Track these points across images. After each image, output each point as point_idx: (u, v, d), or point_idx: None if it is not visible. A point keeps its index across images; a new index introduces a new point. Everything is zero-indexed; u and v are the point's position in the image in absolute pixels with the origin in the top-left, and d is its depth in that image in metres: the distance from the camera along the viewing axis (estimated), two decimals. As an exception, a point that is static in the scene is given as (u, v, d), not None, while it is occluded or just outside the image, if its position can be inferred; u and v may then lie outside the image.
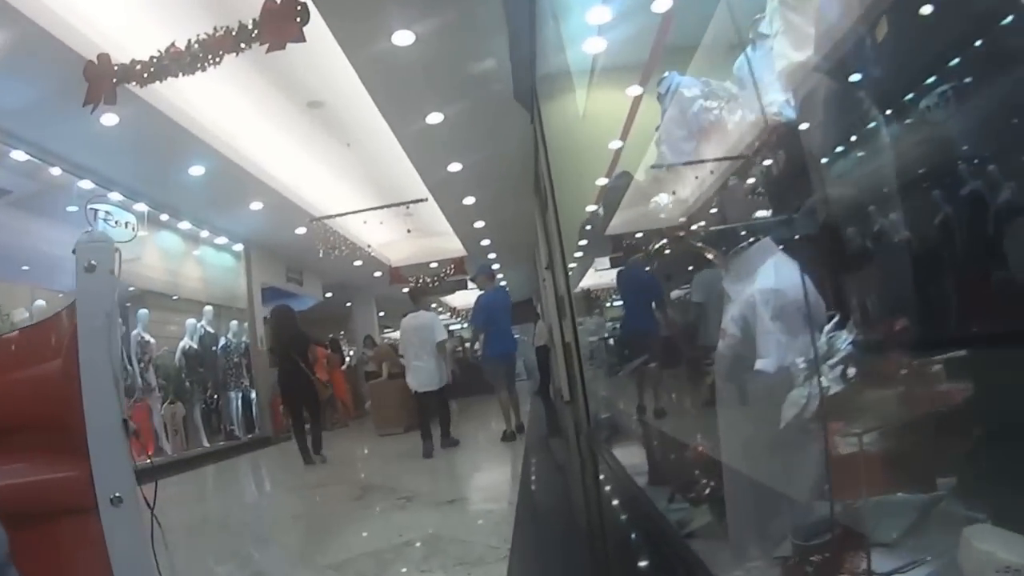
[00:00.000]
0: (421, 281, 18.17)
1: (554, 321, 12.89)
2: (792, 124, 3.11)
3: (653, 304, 6.82)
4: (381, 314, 27.09)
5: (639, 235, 7.23)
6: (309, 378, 9.25)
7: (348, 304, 22.47)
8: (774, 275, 2.46)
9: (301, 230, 13.02)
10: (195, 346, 12.02)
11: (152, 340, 10.83)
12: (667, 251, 6.84)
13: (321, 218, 12.26)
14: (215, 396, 12.30)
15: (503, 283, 25.31)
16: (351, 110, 9.50)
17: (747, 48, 3.58)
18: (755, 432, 2.61)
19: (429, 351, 8.72)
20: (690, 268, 5.44)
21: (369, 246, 13.77)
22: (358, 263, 16.83)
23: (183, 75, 6.61)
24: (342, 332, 25.88)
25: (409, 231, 12.38)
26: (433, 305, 27.14)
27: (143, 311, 10.90)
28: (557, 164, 7.98)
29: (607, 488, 5.26)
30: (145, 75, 6.71)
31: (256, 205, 11.75)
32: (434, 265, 18.50)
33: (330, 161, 11.38)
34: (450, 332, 15.57)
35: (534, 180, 11.63)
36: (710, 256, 2.89)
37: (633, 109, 6.68)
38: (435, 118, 9.02)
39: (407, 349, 8.92)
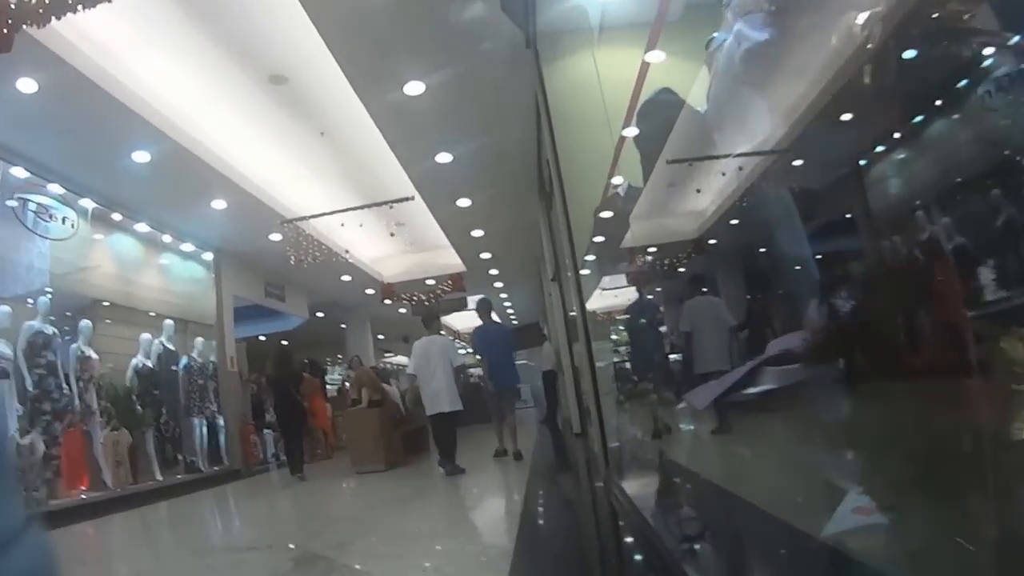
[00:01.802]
0: (416, 298, 16.73)
1: (562, 342, 11.35)
2: None
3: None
4: (380, 337, 25.67)
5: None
6: (301, 406, 10.98)
7: (343, 326, 20.86)
8: None
9: (277, 236, 11.54)
10: (149, 364, 10.55)
11: (95, 356, 9.42)
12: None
13: (293, 220, 10.77)
14: (171, 423, 10.73)
15: (507, 304, 23.94)
16: (319, 86, 8.10)
17: None
18: None
19: (444, 375, 8.77)
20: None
21: (347, 252, 12.14)
22: (346, 278, 15.41)
23: (83, 7, 5.20)
24: (339, 356, 24.45)
25: (392, 234, 10.80)
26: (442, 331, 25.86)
27: (85, 322, 9.52)
28: (564, 142, 6.44)
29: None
30: (40, 10, 5.30)
31: (219, 203, 10.29)
32: (431, 282, 16.96)
33: (303, 154, 9.96)
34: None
35: (538, 178, 10.10)
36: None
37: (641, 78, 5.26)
38: (415, 88, 7.55)
39: (421, 373, 8.94)
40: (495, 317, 10.13)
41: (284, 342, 20.58)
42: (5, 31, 5.34)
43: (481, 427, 12.03)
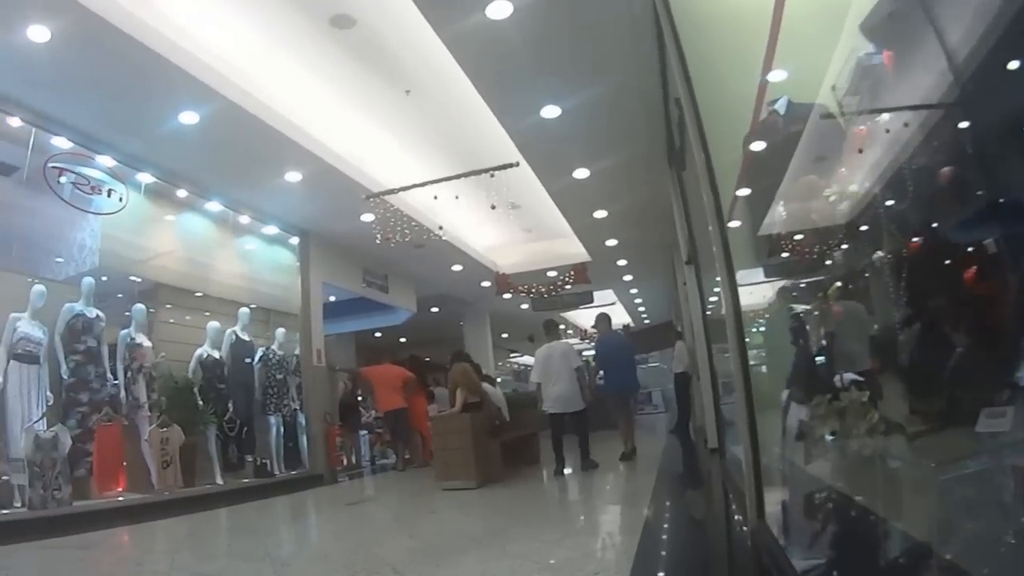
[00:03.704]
0: (536, 291, 15.07)
1: (699, 337, 9.24)
2: None
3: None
4: (504, 336, 24.27)
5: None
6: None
7: (461, 323, 19.49)
8: None
9: (369, 217, 10.14)
10: (216, 355, 9.34)
11: (147, 344, 8.34)
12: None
13: (379, 194, 9.28)
14: (238, 420, 9.44)
15: (638, 301, 21.98)
16: (391, 27, 6.61)
17: None
18: None
19: (566, 377, 9.06)
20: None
21: (440, 228, 10.44)
22: (457, 267, 13.99)
23: None
24: (459, 355, 23.21)
25: (493, 207, 9.05)
26: (567, 329, 24.05)
27: (138, 307, 8.47)
28: (698, 63, 4.52)
29: None
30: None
31: (293, 175, 8.95)
32: (552, 273, 15.28)
33: (386, 116, 8.50)
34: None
35: (667, 140, 8.21)
36: None
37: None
38: (501, 8, 5.78)
39: (544, 375, 9.23)
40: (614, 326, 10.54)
41: (403, 340, 19.47)
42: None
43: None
